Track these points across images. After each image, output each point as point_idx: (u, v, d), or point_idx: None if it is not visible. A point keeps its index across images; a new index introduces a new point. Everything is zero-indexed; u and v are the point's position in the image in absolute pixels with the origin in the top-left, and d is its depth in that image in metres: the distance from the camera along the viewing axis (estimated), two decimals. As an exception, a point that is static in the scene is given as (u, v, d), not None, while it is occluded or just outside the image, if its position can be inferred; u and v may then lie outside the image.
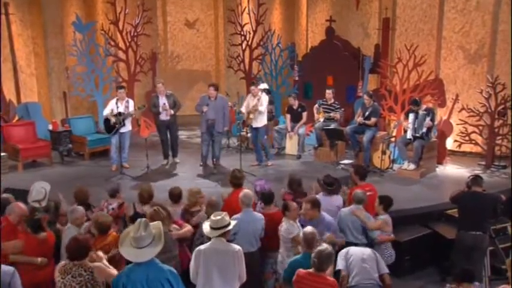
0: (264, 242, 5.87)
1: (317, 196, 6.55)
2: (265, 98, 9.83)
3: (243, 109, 10.09)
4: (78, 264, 4.43)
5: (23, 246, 5.19)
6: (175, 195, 6.46)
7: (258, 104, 9.66)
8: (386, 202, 6.33)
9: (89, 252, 4.57)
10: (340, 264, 5.33)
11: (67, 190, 6.61)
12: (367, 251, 5.47)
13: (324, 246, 4.64)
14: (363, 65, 11.97)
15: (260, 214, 5.99)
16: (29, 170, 9.96)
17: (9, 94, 11.66)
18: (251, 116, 9.63)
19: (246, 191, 5.99)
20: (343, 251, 5.46)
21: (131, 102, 9.74)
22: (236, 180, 6.66)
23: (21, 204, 5.63)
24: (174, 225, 5.59)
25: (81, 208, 5.83)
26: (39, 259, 5.20)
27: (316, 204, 5.80)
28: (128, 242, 4.15)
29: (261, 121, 9.83)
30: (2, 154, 9.70)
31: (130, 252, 4.11)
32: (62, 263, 4.52)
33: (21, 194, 6.68)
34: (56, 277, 4.47)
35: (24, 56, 12.18)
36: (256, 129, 9.86)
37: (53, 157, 10.52)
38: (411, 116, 9.48)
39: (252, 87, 9.92)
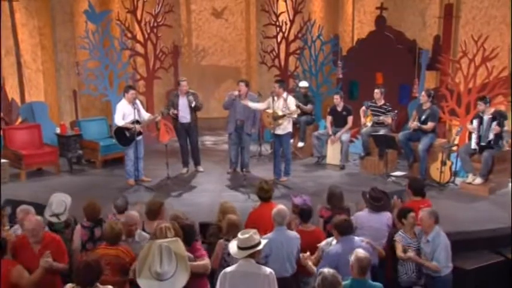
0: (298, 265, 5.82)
1: (361, 213, 6.49)
2: (292, 101, 9.69)
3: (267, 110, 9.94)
4: None
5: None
6: (153, 211, 6.35)
7: (288, 108, 9.50)
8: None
9: (101, 276, 4.59)
10: None
11: (76, 203, 6.66)
12: None
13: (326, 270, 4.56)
14: (419, 61, 11.78)
15: (295, 232, 5.95)
16: (33, 179, 10.14)
17: (12, 92, 11.93)
18: (280, 121, 9.53)
19: (281, 207, 5.96)
20: None
21: (139, 104, 9.76)
22: (263, 194, 6.66)
23: (34, 217, 5.65)
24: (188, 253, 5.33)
25: (134, 213, 6.05)
26: None
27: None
28: (147, 272, 4.18)
29: (286, 127, 9.67)
30: (2, 161, 9.88)
31: (153, 286, 4.12)
32: (69, 286, 4.54)
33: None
34: None
35: (29, 49, 12.46)
36: (279, 136, 9.72)
37: (60, 165, 10.70)
38: (475, 122, 9.32)
39: (275, 86, 9.69)
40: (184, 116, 10.04)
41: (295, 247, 5.80)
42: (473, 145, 9.34)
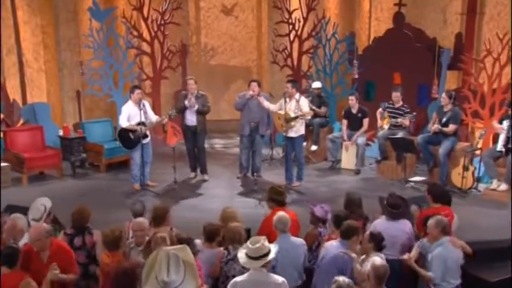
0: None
1: (378, 221, 6.45)
2: (304, 102, 9.68)
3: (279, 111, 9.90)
4: None
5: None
6: (158, 217, 6.26)
7: (300, 110, 9.46)
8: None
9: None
10: None
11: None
12: None
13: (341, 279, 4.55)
14: (439, 60, 11.73)
15: (300, 239, 5.97)
16: (35, 184, 10.18)
17: (14, 93, 11.98)
18: (292, 123, 9.50)
19: (281, 213, 5.96)
20: None
21: (147, 105, 9.75)
22: (277, 195, 6.67)
23: (36, 227, 5.63)
24: None
25: (142, 220, 5.99)
26: None
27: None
28: (154, 281, 4.18)
29: (298, 130, 9.65)
30: (2, 164, 9.94)
31: None
32: None
33: (25, 212, 6.80)
34: None
35: (31, 48, 12.51)
36: (292, 139, 9.69)
37: (63, 168, 10.74)
38: (505, 123, 9.24)
39: (288, 86, 9.64)
40: (191, 118, 10.01)
41: (302, 254, 5.79)
42: (500, 147, 9.25)
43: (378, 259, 5.00)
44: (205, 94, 10.23)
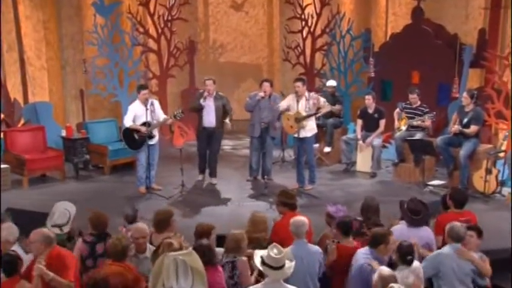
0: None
1: (398, 227, 6.38)
2: (315, 95, 9.55)
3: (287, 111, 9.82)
4: None
5: None
6: (161, 222, 6.21)
7: (320, 102, 9.41)
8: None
9: None
10: None
11: (81, 212, 6.62)
12: None
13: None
14: (461, 57, 11.66)
15: (317, 247, 5.91)
16: (36, 186, 10.18)
17: (14, 91, 12.04)
18: (304, 123, 9.43)
19: (297, 217, 5.92)
20: None
21: (156, 104, 9.68)
22: (287, 199, 6.64)
23: (37, 231, 5.54)
24: None
25: (143, 225, 5.93)
26: None
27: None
28: None
29: (310, 129, 9.57)
30: (2, 166, 9.96)
31: None
32: None
33: (25, 216, 6.80)
34: None
35: (33, 45, 12.57)
36: (302, 140, 9.59)
37: (65, 170, 10.73)
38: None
39: (299, 85, 9.46)
40: (209, 120, 9.88)
41: (317, 262, 5.74)
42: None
43: (385, 269, 4.93)
44: (224, 96, 10.08)
